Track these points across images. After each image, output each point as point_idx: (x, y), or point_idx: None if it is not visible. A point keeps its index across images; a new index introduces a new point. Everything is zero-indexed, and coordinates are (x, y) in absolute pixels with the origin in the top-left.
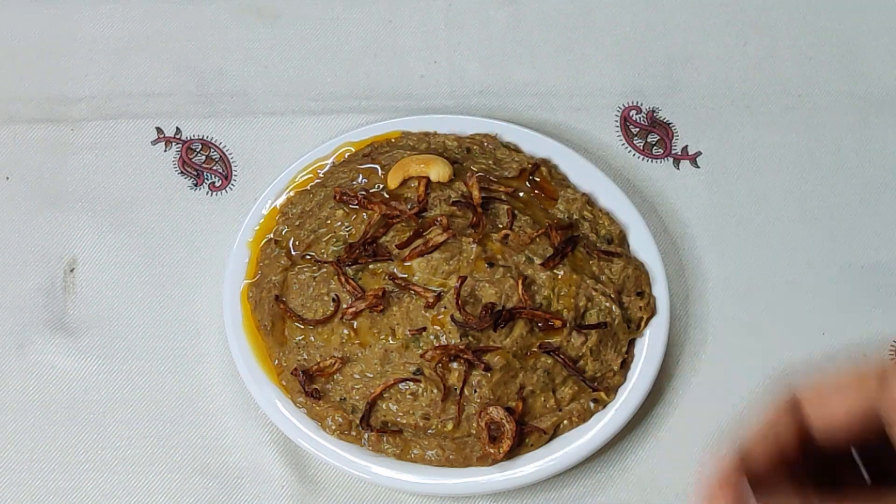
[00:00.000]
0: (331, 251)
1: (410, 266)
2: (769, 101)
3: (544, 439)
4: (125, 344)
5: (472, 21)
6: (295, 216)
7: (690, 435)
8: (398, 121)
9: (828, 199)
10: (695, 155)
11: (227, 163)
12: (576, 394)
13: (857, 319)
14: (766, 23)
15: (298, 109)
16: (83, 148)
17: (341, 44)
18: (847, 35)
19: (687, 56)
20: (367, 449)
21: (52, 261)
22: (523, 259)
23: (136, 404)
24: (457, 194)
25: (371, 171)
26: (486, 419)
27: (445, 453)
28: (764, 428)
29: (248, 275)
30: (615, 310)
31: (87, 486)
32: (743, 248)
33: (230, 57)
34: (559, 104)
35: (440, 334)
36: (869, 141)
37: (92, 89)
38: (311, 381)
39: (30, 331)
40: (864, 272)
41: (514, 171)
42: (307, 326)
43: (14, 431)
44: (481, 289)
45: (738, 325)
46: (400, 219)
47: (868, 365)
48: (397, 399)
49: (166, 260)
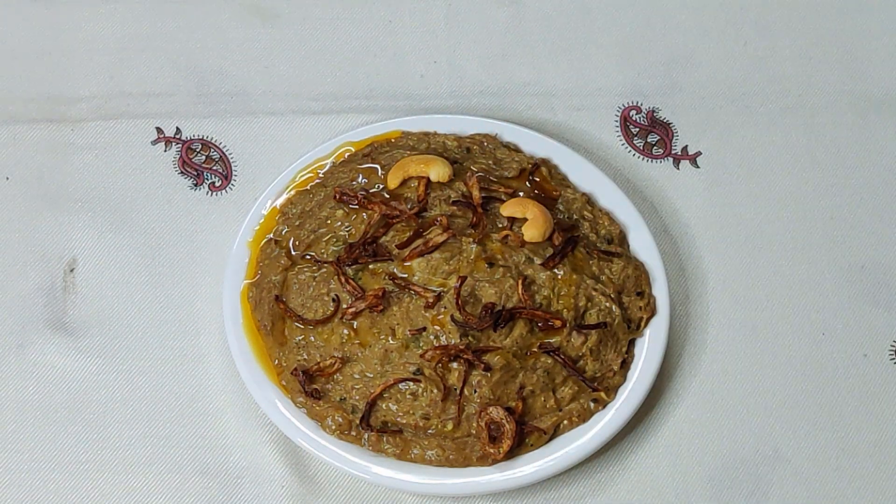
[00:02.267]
0: (331, 251)
1: (410, 266)
2: (769, 101)
3: (544, 439)
4: (125, 344)
5: (472, 21)
6: (295, 216)
7: (690, 435)
8: (398, 121)
9: (828, 199)
10: (695, 155)
11: (227, 163)
12: (576, 394)
13: (857, 319)
14: (766, 23)
15: (298, 109)
16: (83, 148)
17: (341, 44)
18: (847, 35)
19: (687, 56)
20: (367, 449)
21: (52, 261)
22: (523, 259)
23: (136, 404)
24: (457, 194)
25: (371, 171)
26: (486, 419)
27: (445, 453)
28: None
29: (248, 275)
30: (615, 310)
31: (87, 486)
32: (743, 248)
33: (230, 57)
34: (559, 104)
35: (440, 334)
36: (869, 141)
37: (92, 89)
38: (310, 381)
39: (30, 331)
40: (864, 272)
41: (514, 171)
42: (307, 326)
43: (14, 431)
44: (481, 289)
45: (738, 325)
46: (400, 219)
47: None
48: (397, 399)
49: (166, 260)
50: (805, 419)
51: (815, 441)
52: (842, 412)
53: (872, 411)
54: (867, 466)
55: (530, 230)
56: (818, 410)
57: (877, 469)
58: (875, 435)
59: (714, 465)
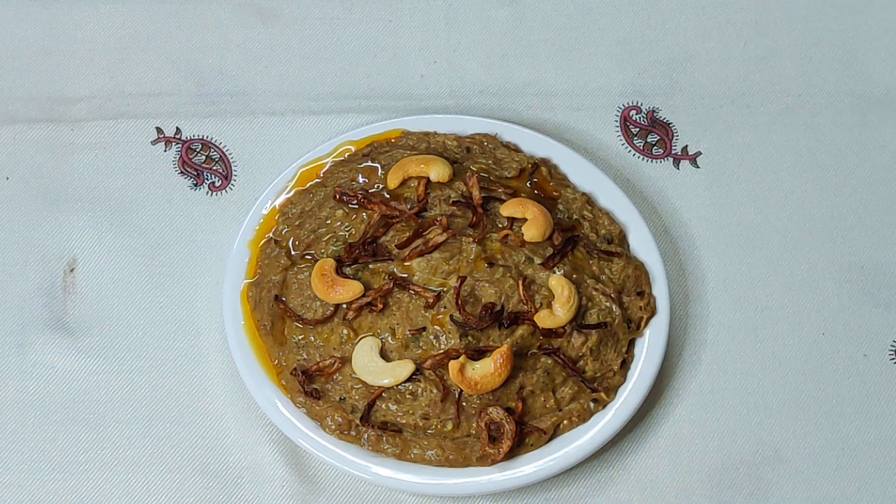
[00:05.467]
0: (331, 251)
1: (410, 266)
2: (769, 101)
3: (544, 439)
4: (125, 344)
5: (472, 21)
6: (295, 216)
7: (690, 435)
8: (398, 120)
9: (828, 199)
10: (695, 155)
11: (227, 163)
12: (576, 394)
13: (857, 319)
14: (766, 23)
15: (298, 109)
16: (83, 148)
17: (341, 44)
18: (847, 35)
19: (687, 56)
20: (366, 449)
21: (52, 261)
22: (523, 259)
23: (136, 404)
24: (457, 194)
25: (371, 170)
26: (485, 419)
27: (445, 453)
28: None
29: (248, 274)
30: (615, 309)
31: (87, 486)
32: (743, 248)
33: (230, 57)
34: (559, 104)
35: (440, 334)
36: (869, 141)
37: (92, 89)
38: (310, 381)
39: (30, 331)
40: (864, 272)
41: (514, 170)
42: (307, 326)
43: (14, 431)
44: (481, 289)
45: (738, 324)
46: (400, 219)
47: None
48: (397, 399)
49: (166, 260)
50: (805, 419)
51: (815, 441)
52: (842, 412)
53: (872, 411)
54: (867, 466)
55: (530, 230)
56: (818, 410)
57: (877, 469)
58: (875, 435)
59: (714, 465)
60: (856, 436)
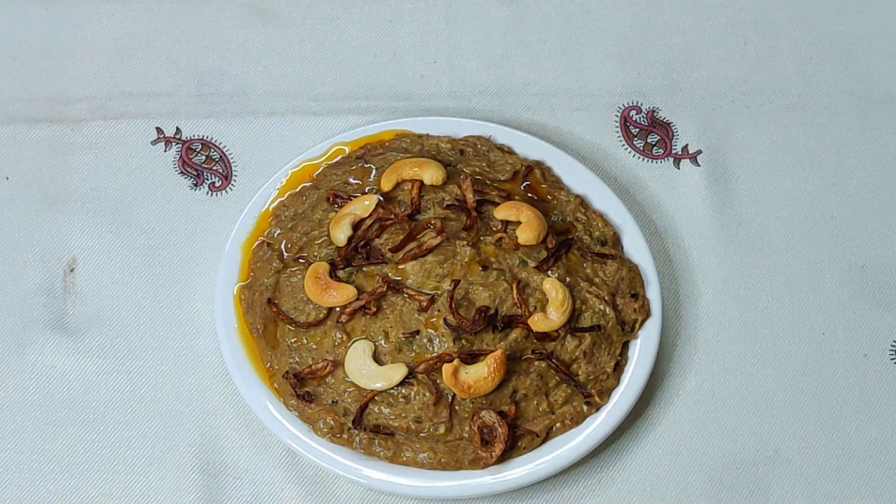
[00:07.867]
0: (323, 254)
1: (404, 269)
2: (769, 101)
3: (537, 442)
4: (125, 344)
5: (472, 21)
6: (287, 218)
7: (691, 435)
8: (391, 122)
9: (828, 199)
10: (695, 154)
11: (227, 163)
12: (569, 397)
13: (857, 319)
14: (766, 23)
15: (298, 109)
16: (83, 148)
17: (341, 44)
18: (847, 35)
19: (687, 56)
20: (358, 452)
21: (52, 261)
22: (517, 262)
23: (136, 404)
24: (451, 197)
25: (364, 173)
26: (478, 423)
27: (437, 456)
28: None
29: (241, 277)
30: (609, 312)
31: (87, 486)
32: (743, 248)
33: (230, 57)
34: (559, 104)
35: (433, 337)
36: (869, 141)
37: (92, 89)
38: (302, 384)
39: (30, 331)
40: (864, 272)
41: (508, 173)
42: (299, 329)
43: (14, 431)
44: (475, 292)
45: (739, 324)
46: (393, 222)
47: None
48: (389, 402)
49: (166, 260)
50: (805, 419)
51: (815, 441)
52: (842, 412)
53: (872, 411)
54: (867, 466)
55: (524, 233)
56: (818, 410)
57: (877, 469)
58: (875, 435)
59: (714, 465)
60: (856, 436)
